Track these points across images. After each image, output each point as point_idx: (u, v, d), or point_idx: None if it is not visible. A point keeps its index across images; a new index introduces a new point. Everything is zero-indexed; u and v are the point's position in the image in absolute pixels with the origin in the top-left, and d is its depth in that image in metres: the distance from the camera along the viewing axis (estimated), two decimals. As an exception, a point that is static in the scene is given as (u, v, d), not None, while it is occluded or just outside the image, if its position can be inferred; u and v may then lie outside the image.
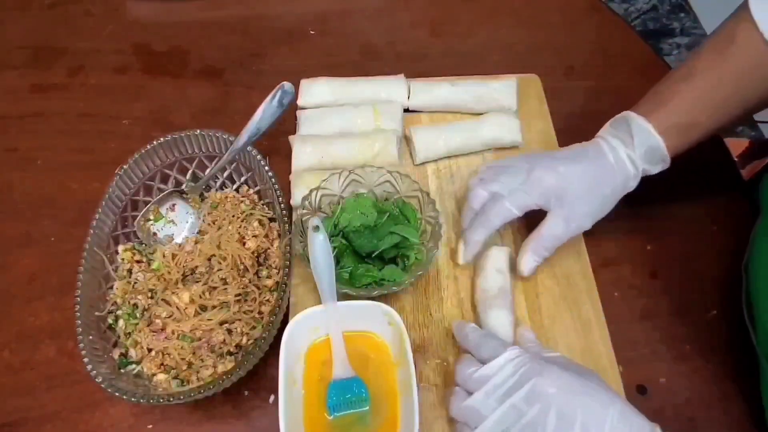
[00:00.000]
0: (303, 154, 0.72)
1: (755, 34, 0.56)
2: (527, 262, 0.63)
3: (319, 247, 0.58)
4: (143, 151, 0.66)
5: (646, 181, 0.63)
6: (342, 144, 0.72)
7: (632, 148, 0.62)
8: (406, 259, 0.63)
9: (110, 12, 0.94)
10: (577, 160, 0.62)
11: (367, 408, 0.55)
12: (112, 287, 0.62)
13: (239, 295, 0.61)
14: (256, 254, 0.63)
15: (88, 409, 0.60)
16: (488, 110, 0.77)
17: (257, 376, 0.60)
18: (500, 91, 0.77)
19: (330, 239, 0.63)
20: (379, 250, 0.62)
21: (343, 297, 0.58)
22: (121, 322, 0.61)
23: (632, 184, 0.63)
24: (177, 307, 0.60)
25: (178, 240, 0.67)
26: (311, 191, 0.65)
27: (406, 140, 0.76)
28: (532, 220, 0.64)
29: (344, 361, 0.57)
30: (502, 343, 0.52)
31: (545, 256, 0.63)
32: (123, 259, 0.64)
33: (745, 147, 1.39)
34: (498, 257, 0.63)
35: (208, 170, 0.68)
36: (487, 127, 0.74)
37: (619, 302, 0.65)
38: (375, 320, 0.58)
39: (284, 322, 0.57)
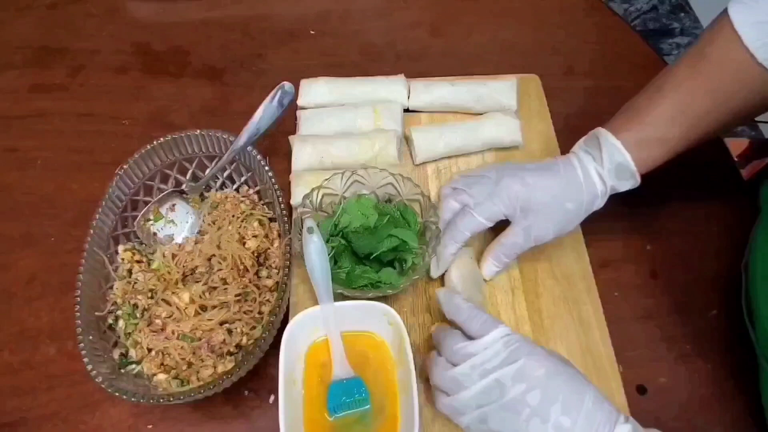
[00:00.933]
0: (303, 154, 0.72)
1: (734, 47, 0.55)
2: (488, 267, 0.64)
3: (314, 249, 0.58)
4: (143, 151, 0.66)
5: (646, 182, 0.63)
6: (342, 144, 0.72)
7: (601, 164, 0.61)
8: (404, 263, 0.63)
9: (110, 12, 0.94)
10: (545, 172, 0.62)
11: (368, 408, 0.55)
12: (112, 287, 0.62)
13: (239, 295, 0.61)
14: (256, 254, 0.63)
15: (88, 409, 0.60)
16: (488, 110, 0.77)
17: (257, 376, 0.60)
18: (500, 91, 0.77)
19: (329, 239, 0.63)
20: (378, 252, 0.62)
21: (338, 297, 0.58)
22: (121, 322, 0.61)
23: (599, 203, 0.63)
24: (177, 307, 0.60)
25: (178, 240, 0.66)
26: (313, 190, 0.65)
27: (406, 140, 0.76)
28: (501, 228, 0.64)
29: (343, 362, 0.57)
30: (492, 319, 0.51)
31: (506, 263, 0.64)
32: (123, 259, 0.64)
33: (745, 147, 1.39)
34: (462, 259, 0.64)
35: (208, 170, 0.68)
36: (487, 128, 0.74)
37: (619, 302, 0.65)
38: (375, 320, 0.58)
39: (284, 322, 0.57)
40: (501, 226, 0.64)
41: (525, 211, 0.61)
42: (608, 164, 0.61)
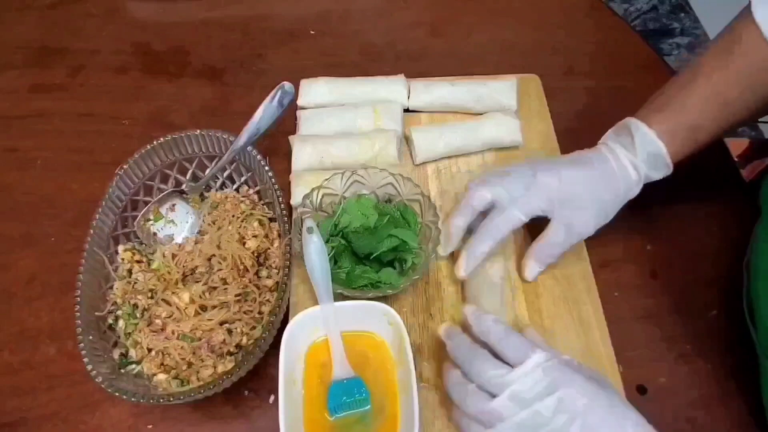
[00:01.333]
0: (303, 154, 0.72)
1: (759, 37, 0.56)
2: (531, 269, 0.63)
3: (314, 249, 0.58)
4: (143, 151, 0.66)
5: (646, 182, 0.63)
6: (342, 144, 0.72)
7: (634, 154, 0.61)
8: (404, 263, 0.63)
9: (110, 12, 0.94)
10: (580, 165, 0.62)
11: (368, 408, 0.55)
12: (112, 287, 0.62)
13: (239, 295, 0.61)
14: (256, 254, 0.63)
15: (88, 409, 0.60)
16: (488, 110, 0.77)
17: (257, 376, 0.60)
18: (500, 91, 0.77)
19: (329, 239, 0.63)
20: (378, 252, 0.62)
21: (338, 297, 0.58)
22: (121, 322, 0.61)
23: (635, 191, 0.63)
24: (177, 307, 0.60)
25: (178, 240, 0.67)
26: (313, 190, 0.65)
27: (406, 140, 0.76)
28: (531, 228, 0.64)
29: (343, 362, 0.57)
30: (526, 343, 0.49)
31: (549, 263, 0.63)
32: (123, 259, 0.64)
33: (745, 147, 1.39)
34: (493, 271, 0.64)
35: (208, 170, 0.68)
36: (487, 127, 0.74)
37: (619, 302, 0.65)
38: (375, 320, 0.58)
39: (284, 322, 0.57)
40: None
41: (563, 206, 0.61)
42: (641, 154, 0.61)
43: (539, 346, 0.50)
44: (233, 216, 0.65)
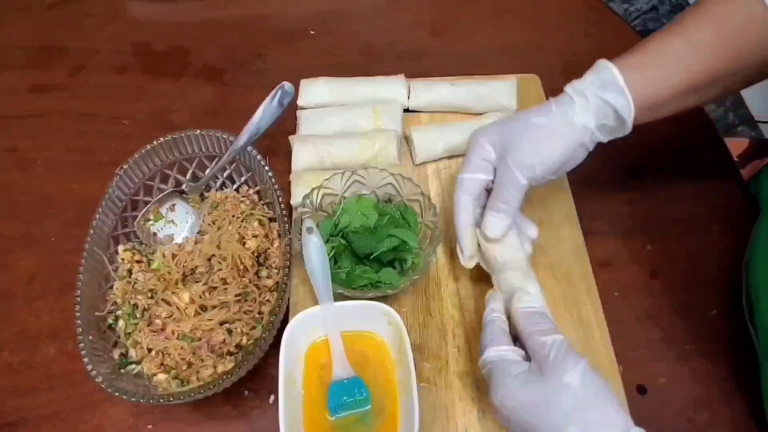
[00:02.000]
0: (303, 154, 0.72)
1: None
2: (492, 222, 0.57)
3: (314, 249, 0.58)
4: (143, 151, 0.66)
5: (647, 182, 0.63)
6: (342, 144, 0.72)
7: (586, 85, 0.57)
8: (404, 263, 0.63)
9: (110, 12, 0.94)
10: (524, 112, 0.59)
11: (369, 407, 0.55)
12: (112, 287, 0.62)
13: (239, 295, 0.61)
14: (256, 254, 0.63)
15: (88, 409, 0.60)
16: (488, 110, 0.77)
17: (257, 376, 0.60)
18: (500, 90, 0.77)
19: (329, 239, 0.63)
20: (378, 252, 0.62)
21: (338, 297, 0.58)
22: (121, 322, 0.61)
23: (583, 120, 0.56)
24: (177, 307, 0.60)
25: (178, 240, 0.67)
26: (313, 190, 0.65)
27: (406, 140, 0.76)
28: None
29: (343, 362, 0.57)
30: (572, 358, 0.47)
31: (507, 211, 0.57)
32: (123, 259, 0.64)
33: (745, 147, 1.39)
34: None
35: (208, 170, 0.68)
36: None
37: (619, 302, 0.65)
38: (375, 320, 0.58)
39: (284, 322, 0.57)
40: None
41: (499, 149, 0.58)
42: (591, 76, 0.57)
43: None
44: (233, 216, 0.65)
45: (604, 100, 0.56)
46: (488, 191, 0.60)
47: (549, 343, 0.47)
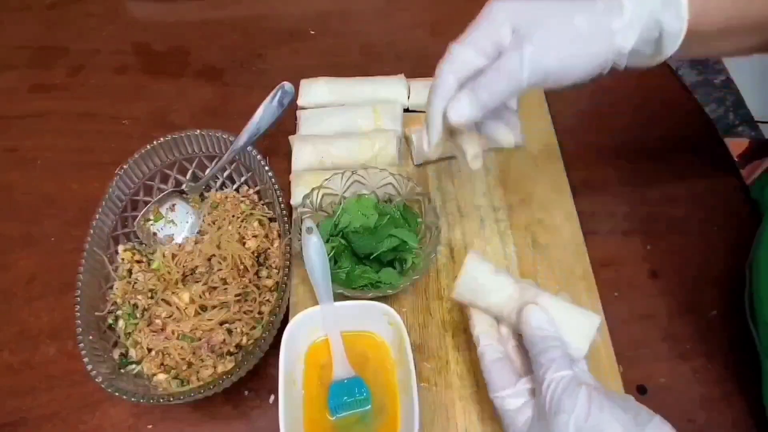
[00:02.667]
0: (303, 154, 0.72)
1: None
2: (458, 104, 0.46)
3: (314, 249, 0.59)
4: (143, 151, 0.66)
5: (647, 182, 0.63)
6: (342, 144, 0.72)
7: None
8: (404, 263, 0.63)
9: (110, 12, 0.94)
10: None
11: (369, 408, 0.55)
12: (112, 287, 0.62)
13: (239, 295, 0.61)
14: (256, 254, 0.63)
15: (88, 409, 0.60)
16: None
17: (257, 376, 0.60)
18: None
19: (329, 239, 0.63)
20: (378, 252, 0.62)
21: (338, 297, 0.58)
22: (121, 322, 0.61)
23: (625, 38, 0.46)
24: (177, 307, 0.60)
25: (178, 240, 0.67)
26: (313, 190, 0.65)
27: (406, 140, 0.76)
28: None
29: (344, 362, 0.57)
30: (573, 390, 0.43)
31: (485, 100, 0.46)
32: (123, 259, 0.64)
33: (745, 147, 1.39)
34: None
35: (208, 170, 0.68)
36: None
37: (619, 302, 0.65)
38: (375, 320, 0.58)
39: (284, 322, 0.57)
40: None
41: (519, 32, 0.45)
42: None
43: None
44: (233, 216, 0.65)
45: (654, 23, 0.46)
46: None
47: (547, 383, 0.44)
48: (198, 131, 0.67)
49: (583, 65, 0.46)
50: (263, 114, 0.65)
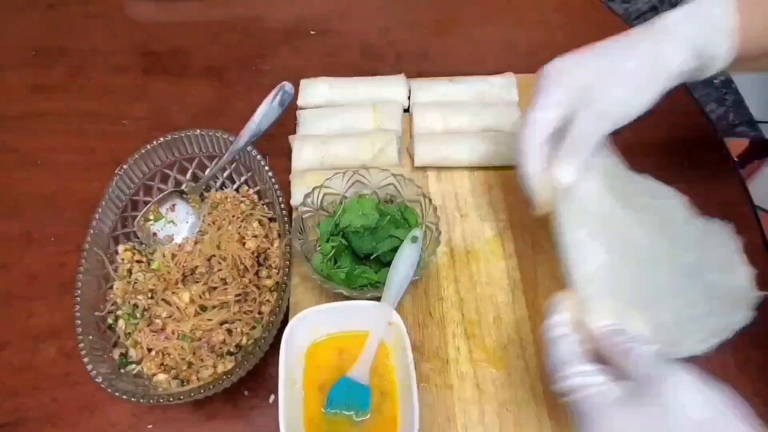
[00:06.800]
0: (303, 154, 0.72)
1: None
2: (563, 167, 0.51)
3: (407, 255, 0.60)
4: (143, 151, 0.66)
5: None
6: (342, 144, 0.72)
7: (694, 10, 0.50)
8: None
9: (110, 12, 0.94)
10: (599, 46, 0.53)
11: (368, 409, 0.55)
12: (112, 287, 0.62)
13: (239, 295, 0.61)
14: (256, 254, 0.63)
15: (88, 409, 0.60)
16: (489, 106, 0.77)
17: (257, 376, 0.60)
18: (501, 86, 0.78)
19: (329, 239, 0.64)
20: (378, 252, 0.62)
21: (339, 297, 0.58)
22: (121, 322, 0.61)
23: (675, 52, 0.49)
24: (177, 307, 0.60)
25: (178, 240, 0.67)
26: (314, 189, 0.64)
27: (407, 141, 0.76)
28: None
29: (368, 367, 0.56)
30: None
31: (582, 158, 0.51)
32: (123, 259, 0.64)
33: (745, 147, 1.39)
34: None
35: (208, 170, 0.68)
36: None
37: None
38: (375, 320, 0.58)
39: (284, 322, 0.57)
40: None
41: (581, 92, 0.51)
42: (694, 6, 0.49)
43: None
44: (233, 216, 0.65)
45: (703, 43, 0.48)
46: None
47: (640, 354, 0.38)
48: (198, 131, 0.67)
49: (652, 99, 0.51)
50: (263, 114, 0.65)
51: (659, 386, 0.36)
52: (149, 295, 0.62)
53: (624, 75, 0.50)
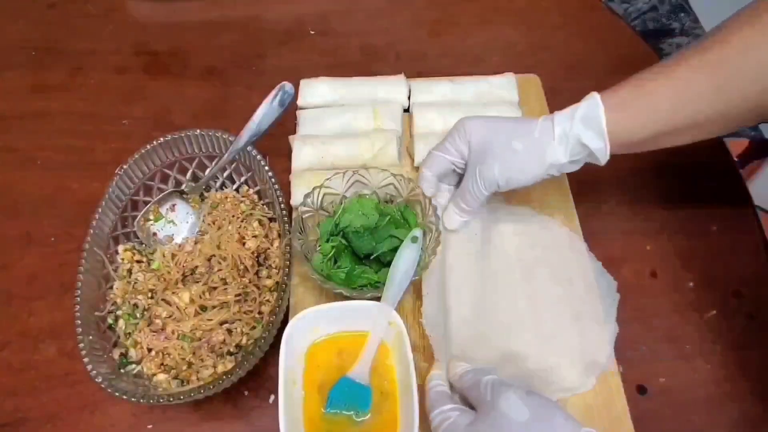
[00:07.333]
0: (303, 154, 0.72)
1: (762, 43, 0.50)
2: (449, 216, 0.65)
3: (408, 254, 0.60)
4: (143, 151, 0.66)
5: (647, 182, 0.63)
6: (342, 144, 0.72)
7: (571, 114, 0.57)
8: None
9: (110, 12, 0.94)
10: (509, 119, 0.64)
11: (367, 409, 0.55)
12: (112, 287, 0.62)
13: (239, 295, 0.61)
14: (256, 254, 0.63)
15: (88, 409, 0.60)
16: (489, 105, 0.77)
17: (257, 376, 0.60)
18: (501, 86, 0.78)
19: (329, 239, 0.64)
20: (378, 252, 0.62)
21: (338, 298, 0.58)
22: (121, 322, 0.61)
23: (556, 154, 0.58)
24: (177, 307, 0.60)
25: (178, 240, 0.66)
26: (314, 189, 0.64)
27: (407, 141, 0.76)
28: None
29: (367, 366, 0.56)
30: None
31: (465, 210, 0.64)
32: (123, 259, 0.64)
33: (745, 147, 1.39)
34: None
35: (208, 170, 0.68)
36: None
37: (619, 302, 0.65)
38: (374, 320, 0.58)
39: (284, 322, 0.57)
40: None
41: (475, 152, 0.61)
42: (580, 112, 0.57)
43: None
44: (233, 216, 0.65)
45: (581, 143, 0.57)
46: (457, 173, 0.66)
47: (483, 384, 0.49)
48: (198, 131, 0.67)
49: (525, 179, 0.60)
50: (263, 114, 0.65)
51: (495, 403, 0.47)
52: (149, 295, 0.62)
53: (509, 152, 0.59)
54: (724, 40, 0.52)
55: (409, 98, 0.79)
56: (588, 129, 0.57)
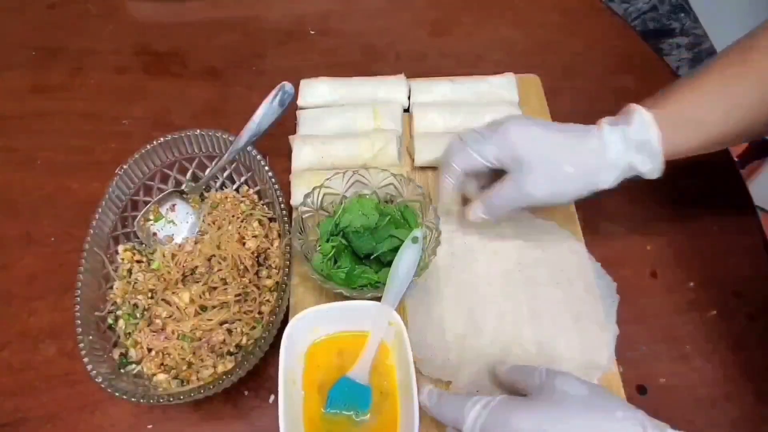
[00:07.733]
0: (303, 154, 0.72)
1: None
2: (474, 210, 0.62)
3: (409, 255, 0.59)
4: (143, 151, 0.66)
5: (646, 182, 0.63)
6: (342, 144, 0.72)
7: (624, 136, 0.56)
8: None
9: (110, 12, 0.94)
10: (558, 130, 0.59)
11: (367, 409, 0.55)
12: (112, 287, 0.62)
13: (239, 295, 0.61)
14: (256, 254, 0.63)
15: (88, 409, 0.60)
16: (489, 105, 0.77)
17: (257, 376, 0.60)
18: (501, 86, 0.78)
19: (329, 239, 0.64)
20: (378, 252, 0.62)
21: (338, 298, 0.58)
22: (121, 322, 0.61)
23: (608, 178, 0.57)
24: (177, 307, 0.60)
25: (178, 240, 0.67)
26: (314, 189, 0.64)
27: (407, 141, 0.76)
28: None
29: (367, 367, 0.56)
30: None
31: (494, 214, 0.61)
32: (123, 259, 0.64)
33: (745, 147, 1.39)
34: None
35: (208, 170, 0.68)
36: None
37: (619, 302, 0.65)
38: (374, 320, 0.58)
39: (284, 322, 0.57)
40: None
41: (519, 162, 0.58)
42: (634, 136, 0.56)
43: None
44: (233, 216, 0.65)
45: (632, 167, 0.57)
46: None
47: (537, 372, 0.50)
48: (198, 131, 0.67)
49: (568, 198, 0.59)
50: (263, 114, 0.65)
51: (552, 384, 0.48)
52: (149, 295, 0.62)
53: (562, 178, 0.57)
54: (759, 46, 0.53)
55: (409, 98, 0.79)
56: (640, 153, 0.56)
